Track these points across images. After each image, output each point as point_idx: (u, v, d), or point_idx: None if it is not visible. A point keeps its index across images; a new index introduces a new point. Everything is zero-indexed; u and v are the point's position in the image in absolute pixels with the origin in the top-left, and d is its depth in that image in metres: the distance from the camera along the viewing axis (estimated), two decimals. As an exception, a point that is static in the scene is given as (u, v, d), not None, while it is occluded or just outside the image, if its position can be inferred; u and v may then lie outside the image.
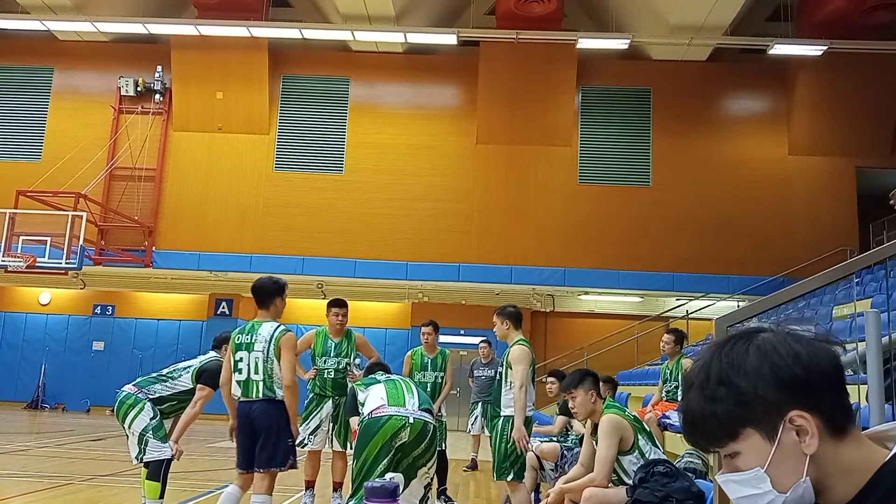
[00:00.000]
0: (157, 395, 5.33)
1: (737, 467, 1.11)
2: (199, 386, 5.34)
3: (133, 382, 5.38)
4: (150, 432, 5.15)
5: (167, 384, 5.38)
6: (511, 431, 5.17)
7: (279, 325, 4.99)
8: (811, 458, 1.06)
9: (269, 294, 5.08)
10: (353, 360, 6.54)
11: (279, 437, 4.79)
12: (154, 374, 5.48)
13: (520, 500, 5.25)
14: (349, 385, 6.08)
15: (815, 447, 1.06)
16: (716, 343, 1.17)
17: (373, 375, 4.99)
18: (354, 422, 4.87)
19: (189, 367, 5.49)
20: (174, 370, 5.49)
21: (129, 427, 5.19)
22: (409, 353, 7.67)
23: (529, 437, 5.45)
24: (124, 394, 5.31)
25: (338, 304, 6.56)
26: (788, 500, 1.07)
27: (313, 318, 10.35)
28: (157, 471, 5.13)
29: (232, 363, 4.93)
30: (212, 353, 5.59)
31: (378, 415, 4.41)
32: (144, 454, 5.15)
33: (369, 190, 17.77)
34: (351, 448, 5.12)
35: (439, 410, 7.33)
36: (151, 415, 5.21)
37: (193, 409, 5.32)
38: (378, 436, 4.32)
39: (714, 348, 1.16)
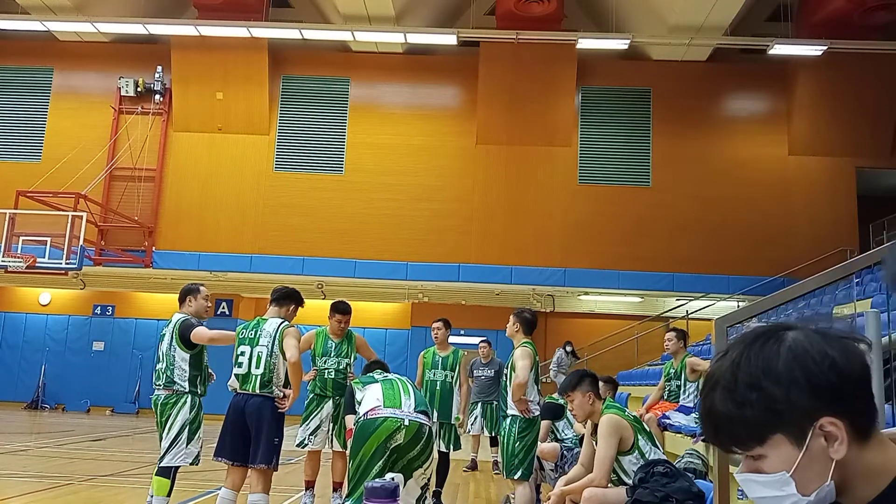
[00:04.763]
0: (182, 379, 5.34)
1: (760, 469, 1.10)
2: (196, 334, 5.34)
3: (160, 386, 5.40)
4: (188, 427, 5.27)
5: (177, 371, 5.38)
6: (517, 432, 5.29)
7: (284, 321, 5.20)
8: (837, 462, 1.06)
9: (288, 296, 5.37)
10: (353, 360, 6.52)
11: (267, 436, 4.87)
12: (162, 370, 5.45)
13: (523, 499, 5.30)
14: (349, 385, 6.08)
15: (843, 453, 1.05)
16: (743, 340, 1.13)
17: (370, 374, 4.98)
18: (350, 420, 4.87)
19: (171, 346, 5.45)
20: (168, 357, 5.44)
21: (172, 424, 5.26)
22: (421, 353, 7.62)
23: (537, 441, 5.50)
24: (163, 396, 5.34)
25: (342, 310, 6.49)
26: (812, 503, 1.07)
27: (313, 318, 10.31)
28: (168, 468, 5.24)
29: (234, 357, 5.10)
30: (177, 315, 5.58)
31: (373, 416, 4.40)
32: (164, 458, 5.24)
33: (369, 190, 17.76)
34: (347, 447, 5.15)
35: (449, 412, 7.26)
36: (191, 406, 5.32)
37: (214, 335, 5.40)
38: (373, 437, 4.32)
39: (742, 346, 1.12)
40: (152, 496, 5.33)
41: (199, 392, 5.42)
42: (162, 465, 5.22)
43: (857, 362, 1.08)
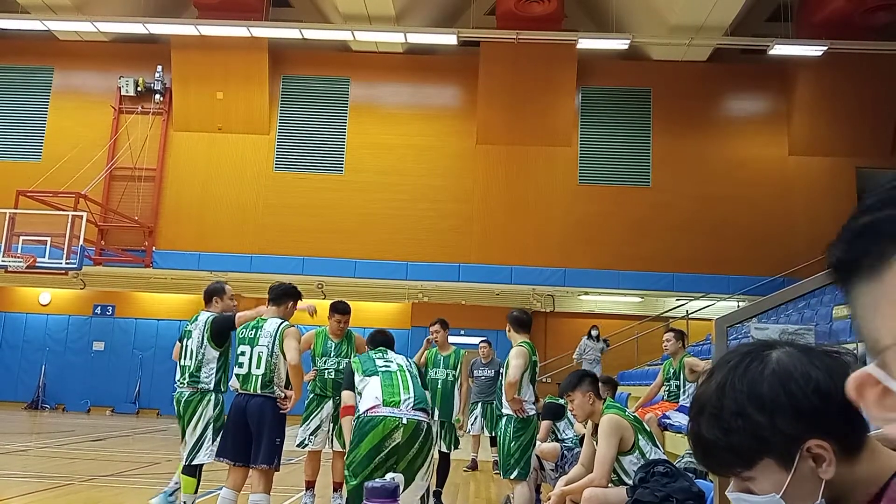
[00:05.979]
0: (208, 378, 5.47)
1: (749, 489, 1.11)
2: (239, 318, 5.47)
3: (185, 384, 5.51)
4: (212, 424, 5.41)
5: (205, 369, 5.50)
6: (513, 432, 5.31)
7: (284, 321, 5.20)
8: (827, 480, 1.06)
9: (285, 294, 5.39)
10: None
11: (269, 436, 4.88)
12: (191, 367, 5.52)
13: (522, 499, 5.29)
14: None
15: (832, 473, 1.05)
16: (727, 361, 1.14)
17: (372, 357, 4.88)
18: (347, 395, 4.77)
19: (202, 344, 5.53)
20: (198, 355, 5.51)
21: (198, 421, 5.40)
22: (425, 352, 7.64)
23: (533, 441, 5.50)
24: (188, 394, 5.47)
25: (341, 310, 6.50)
26: None
27: (313, 318, 10.33)
28: (194, 467, 5.38)
29: (235, 357, 5.19)
30: (205, 314, 5.71)
31: (372, 414, 4.39)
32: (195, 457, 5.35)
33: (369, 190, 17.77)
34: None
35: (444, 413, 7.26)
36: (214, 404, 5.47)
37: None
38: (370, 436, 4.32)
39: (727, 369, 1.13)
40: (182, 493, 5.48)
41: (223, 390, 5.56)
42: (194, 463, 5.34)
43: (841, 380, 1.08)
